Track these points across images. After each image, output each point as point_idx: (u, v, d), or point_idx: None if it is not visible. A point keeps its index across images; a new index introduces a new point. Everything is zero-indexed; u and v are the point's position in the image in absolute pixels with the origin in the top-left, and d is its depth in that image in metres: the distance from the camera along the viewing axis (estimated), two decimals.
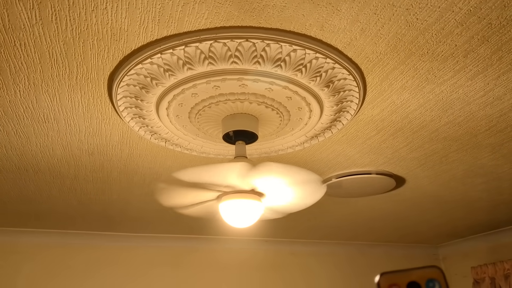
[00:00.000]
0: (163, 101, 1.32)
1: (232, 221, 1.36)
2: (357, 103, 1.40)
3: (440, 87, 1.34)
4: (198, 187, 1.33)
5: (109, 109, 1.44)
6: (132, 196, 2.36)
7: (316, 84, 1.26)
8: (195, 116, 1.41)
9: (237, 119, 1.38)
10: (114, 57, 1.18)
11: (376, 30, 1.08)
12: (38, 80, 1.27)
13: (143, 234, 3.30)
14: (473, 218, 3.00)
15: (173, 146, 1.66)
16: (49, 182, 2.12)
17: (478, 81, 1.32)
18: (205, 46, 1.10)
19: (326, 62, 1.17)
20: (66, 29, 1.06)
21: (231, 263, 3.51)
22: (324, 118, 1.48)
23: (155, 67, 1.18)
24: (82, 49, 1.14)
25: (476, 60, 1.21)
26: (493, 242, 3.50)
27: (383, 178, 2.08)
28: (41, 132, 1.60)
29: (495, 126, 1.61)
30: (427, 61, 1.21)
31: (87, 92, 1.34)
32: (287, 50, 1.12)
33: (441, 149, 1.82)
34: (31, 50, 1.14)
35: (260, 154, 1.77)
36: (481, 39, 1.12)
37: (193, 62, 1.15)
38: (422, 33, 1.10)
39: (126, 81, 1.24)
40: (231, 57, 1.13)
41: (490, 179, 2.19)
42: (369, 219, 3.00)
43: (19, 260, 3.05)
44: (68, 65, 1.20)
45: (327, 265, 3.76)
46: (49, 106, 1.41)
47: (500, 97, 1.41)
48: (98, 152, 1.79)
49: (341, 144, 1.76)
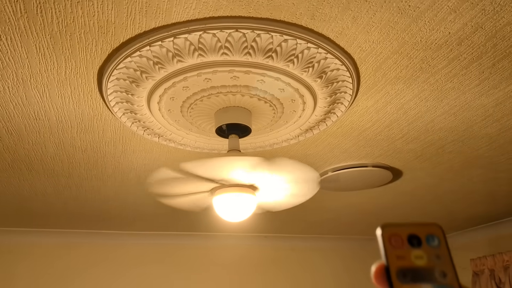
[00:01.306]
0: (154, 95, 1.30)
1: (226, 215, 1.35)
2: (351, 94, 1.38)
3: (434, 76, 1.33)
4: (192, 181, 1.31)
5: (100, 104, 1.42)
6: (128, 193, 2.34)
7: (309, 75, 1.24)
8: (187, 110, 1.39)
9: (229, 112, 1.37)
10: (103, 51, 1.16)
11: (368, 18, 1.06)
12: (26, 76, 1.25)
13: (141, 232, 3.29)
14: (471, 210, 2.98)
15: (166, 142, 1.65)
16: (43, 181, 2.10)
17: (473, 70, 1.30)
18: (194, 37, 1.08)
19: (318, 52, 1.16)
20: (52, 22, 1.04)
21: (230, 260, 3.50)
22: (318, 110, 1.46)
23: (145, 60, 1.16)
24: (70, 43, 1.12)
25: (471, 48, 1.19)
26: (492, 234, 3.49)
27: (380, 170, 2.07)
28: (32, 129, 1.58)
29: (491, 116, 1.59)
30: (420, 49, 1.20)
31: (76, 87, 1.32)
32: (278, 40, 1.10)
33: (437, 140, 1.80)
34: (18, 45, 1.12)
35: (255, 148, 1.75)
36: (475, 26, 1.10)
37: (183, 54, 1.13)
38: (414, 21, 1.08)
39: (115, 75, 1.22)
40: (221, 48, 1.11)
41: (488, 170, 2.18)
42: (367, 213, 2.99)
43: (14, 260, 3.04)
44: (56, 59, 1.18)
45: (328, 260, 3.75)
46: (39, 102, 1.40)
47: (495, 86, 1.39)
48: (91, 148, 1.77)
49: (336, 136, 1.75)
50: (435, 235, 0.37)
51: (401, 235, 0.37)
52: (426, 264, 0.36)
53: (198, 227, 3.20)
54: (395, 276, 0.35)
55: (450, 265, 0.36)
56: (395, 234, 0.37)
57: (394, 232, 0.37)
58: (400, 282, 0.35)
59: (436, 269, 0.36)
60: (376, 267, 0.37)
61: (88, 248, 3.21)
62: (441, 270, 0.36)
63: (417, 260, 0.36)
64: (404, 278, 0.35)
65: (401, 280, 0.35)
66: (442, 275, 0.35)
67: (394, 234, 0.37)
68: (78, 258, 3.16)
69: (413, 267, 0.36)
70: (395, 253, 0.36)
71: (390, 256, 0.36)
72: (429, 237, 0.37)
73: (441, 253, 0.37)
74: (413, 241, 0.37)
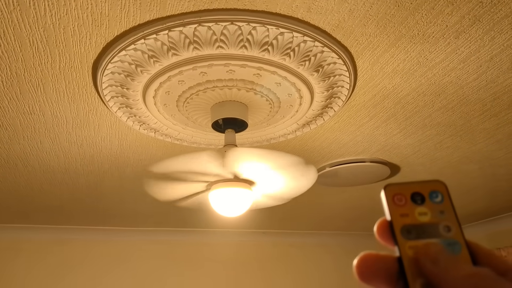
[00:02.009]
0: (150, 89, 1.29)
1: (222, 210, 1.34)
2: (348, 89, 1.37)
3: (432, 70, 1.32)
4: (186, 177, 1.30)
5: (95, 99, 1.41)
6: (125, 189, 2.33)
7: (305, 69, 1.23)
8: (183, 104, 1.38)
9: (225, 106, 1.36)
10: (97, 44, 1.14)
11: (364, 11, 1.05)
12: (20, 70, 1.24)
13: (136, 228, 3.28)
14: (470, 205, 2.98)
15: (162, 137, 1.63)
16: (39, 176, 2.09)
17: (471, 63, 1.29)
18: (189, 30, 1.07)
19: (315, 45, 1.14)
20: (45, 15, 1.03)
21: (227, 256, 3.50)
22: (315, 105, 1.45)
23: (139, 54, 1.14)
24: (63, 36, 1.11)
25: (468, 41, 1.18)
26: (490, 230, 3.49)
27: (378, 166, 2.06)
28: (27, 124, 1.57)
29: (489, 110, 1.58)
30: (418, 43, 1.19)
31: (71, 81, 1.31)
32: (274, 33, 1.09)
33: (435, 135, 1.79)
34: (11, 38, 1.11)
35: (252, 143, 1.74)
36: (473, 18, 1.09)
37: (178, 47, 1.12)
38: (412, 13, 1.07)
39: (110, 69, 1.21)
40: (217, 41, 1.10)
41: (486, 165, 2.17)
42: (365, 208, 2.98)
43: (8, 256, 3.03)
44: (50, 53, 1.17)
45: (327, 256, 3.75)
46: (34, 97, 1.38)
47: (493, 80, 1.38)
48: (87, 144, 1.76)
49: (334, 131, 1.74)
50: (438, 191, 0.37)
51: (404, 194, 0.37)
52: (430, 220, 0.36)
53: (194, 223, 3.20)
54: (399, 234, 0.35)
55: (454, 220, 0.36)
56: (398, 193, 0.37)
57: (397, 191, 0.37)
58: (405, 239, 0.35)
59: (440, 225, 0.36)
60: (379, 223, 0.36)
61: (82, 244, 3.20)
62: (445, 225, 0.36)
63: (421, 216, 0.36)
64: (409, 235, 0.35)
65: (406, 237, 0.35)
66: (447, 229, 0.35)
67: (397, 193, 0.37)
68: (72, 254, 3.16)
69: (417, 224, 0.36)
70: (398, 212, 0.36)
71: (393, 215, 0.36)
72: (433, 193, 0.37)
73: (444, 209, 0.36)
74: (416, 198, 0.37)
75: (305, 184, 1.42)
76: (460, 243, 0.35)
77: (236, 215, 1.38)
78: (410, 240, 0.35)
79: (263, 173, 1.31)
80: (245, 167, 1.26)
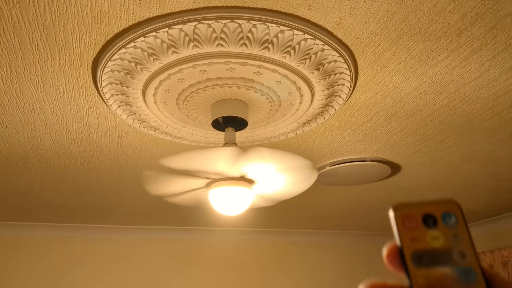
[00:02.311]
0: (149, 87, 1.29)
1: (222, 209, 1.33)
2: (348, 87, 1.36)
3: (433, 68, 1.31)
4: (187, 174, 1.30)
5: (95, 96, 1.41)
6: (124, 187, 2.33)
7: (306, 67, 1.23)
8: (183, 102, 1.38)
9: (226, 105, 1.35)
10: (97, 42, 1.14)
11: (365, 9, 1.05)
12: (20, 68, 1.24)
13: (137, 226, 3.28)
14: (470, 205, 2.97)
15: (162, 135, 1.63)
16: (40, 174, 2.09)
17: (473, 62, 1.28)
18: (189, 28, 1.06)
19: (315, 43, 1.14)
20: (45, 12, 1.02)
21: (227, 255, 3.50)
22: (316, 103, 1.44)
23: (139, 51, 1.14)
24: (63, 34, 1.10)
25: (470, 39, 1.18)
26: (491, 230, 3.48)
27: (378, 165, 2.05)
28: (28, 122, 1.56)
29: (491, 109, 1.58)
30: (419, 41, 1.18)
31: (71, 79, 1.31)
32: (275, 31, 1.09)
33: (437, 134, 1.78)
34: (11, 36, 1.10)
35: (252, 141, 1.74)
36: (475, 16, 1.08)
37: (178, 45, 1.11)
38: (413, 11, 1.06)
39: (110, 66, 1.20)
40: (217, 39, 1.09)
41: (487, 165, 2.16)
42: (366, 207, 2.98)
43: (10, 253, 3.03)
44: (49, 50, 1.17)
45: (327, 255, 3.74)
46: (34, 94, 1.38)
47: (495, 79, 1.38)
48: (87, 142, 1.76)
49: (334, 130, 1.73)
50: (452, 212, 0.35)
51: (415, 216, 0.35)
52: (443, 245, 0.33)
53: (194, 221, 3.20)
54: (410, 260, 0.33)
55: (469, 245, 0.33)
56: (408, 215, 0.35)
57: (408, 213, 0.35)
58: (416, 266, 0.33)
59: (454, 250, 0.33)
60: (389, 248, 0.34)
61: (84, 242, 3.20)
62: (459, 251, 0.33)
63: (433, 241, 0.34)
64: (420, 262, 0.33)
65: (417, 264, 0.33)
66: (461, 256, 0.33)
67: (408, 215, 0.35)
68: (73, 251, 3.16)
69: (429, 249, 0.33)
70: (409, 235, 0.34)
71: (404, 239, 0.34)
72: (445, 215, 0.35)
73: (458, 232, 0.34)
74: (428, 221, 0.35)
75: (300, 189, 1.42)
76: (475, 270, 0.32)
77: (236, 213, 1.37)
78: (422, 268, 0.33)
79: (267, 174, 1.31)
80: (256, 167, 1.25)
